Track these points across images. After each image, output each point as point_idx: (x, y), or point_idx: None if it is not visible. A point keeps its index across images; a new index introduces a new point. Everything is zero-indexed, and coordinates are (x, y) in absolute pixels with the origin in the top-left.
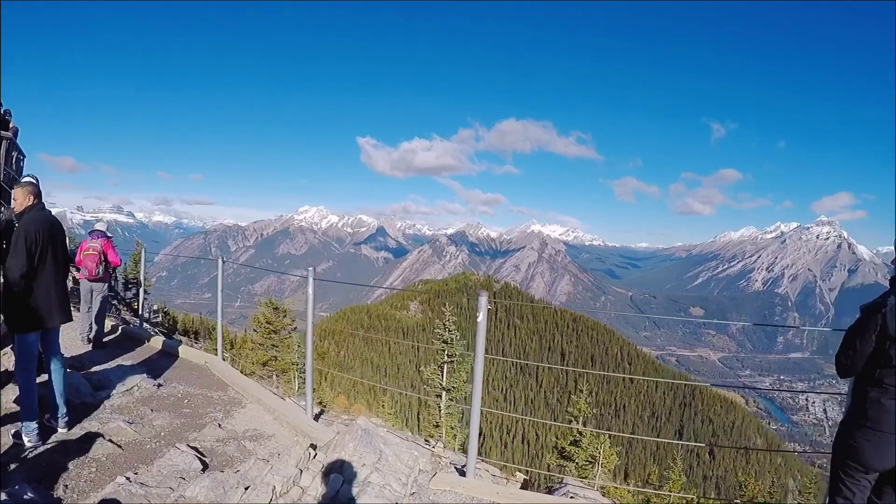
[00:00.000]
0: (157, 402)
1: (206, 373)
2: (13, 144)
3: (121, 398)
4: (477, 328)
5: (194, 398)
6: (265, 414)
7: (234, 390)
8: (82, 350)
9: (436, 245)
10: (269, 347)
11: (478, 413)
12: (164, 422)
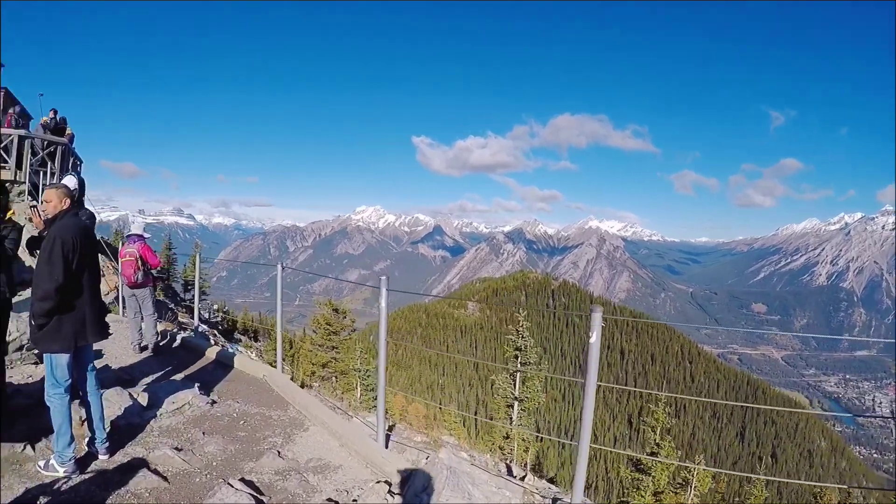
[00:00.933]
0: (210, 422)
1: (264, 387)
2: (69, 150)
3: (170, 418)
4: (589, 351)
5: (251, 418)
6: (330, 439)
7: (294, 409)
8: (132, 359)
9: (493, 243)
10: (328, 349)
11: (586, 451)
12: (217, 448)
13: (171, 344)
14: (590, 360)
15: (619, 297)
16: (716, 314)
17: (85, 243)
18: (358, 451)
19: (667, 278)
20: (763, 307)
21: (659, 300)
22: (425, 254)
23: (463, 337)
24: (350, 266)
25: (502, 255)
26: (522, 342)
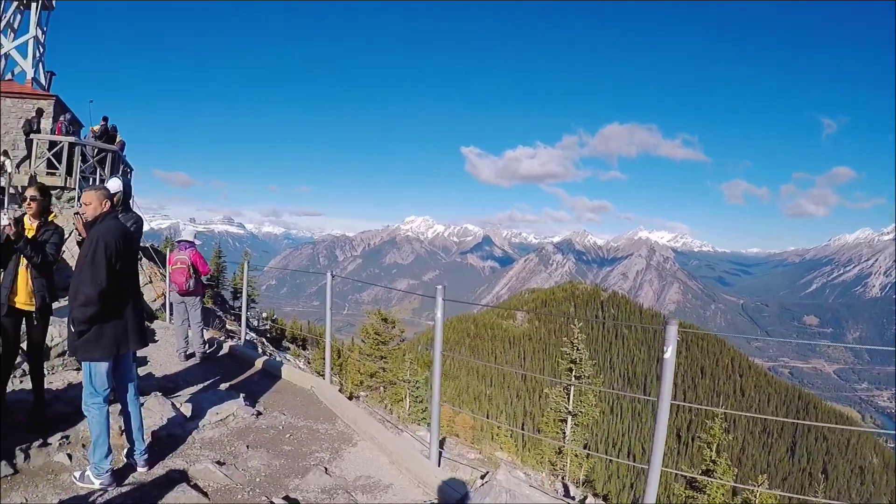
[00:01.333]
0: (255, 435)
1: (311, 399)
2: (120, 158)
3: (213, 430)
4: (663, 367)
5: (297, 431)
6: (380, 455)
7: (343, 422)
8: (177, 368)
9: (542, 254)
10: (376, 359)
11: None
12: (261, 462)
13: (218, 353)
14: (664, 377)
15: (669, 308)
16: (767, 326)
17: (127, 247)
18: (409, 469)
19: (717, 290)
20: (815, 319)
21: (709, 312)
22: (474, 264)
23: (511, 348)
24: (399, 276)
25: (551, 266)
26: (577, 355)
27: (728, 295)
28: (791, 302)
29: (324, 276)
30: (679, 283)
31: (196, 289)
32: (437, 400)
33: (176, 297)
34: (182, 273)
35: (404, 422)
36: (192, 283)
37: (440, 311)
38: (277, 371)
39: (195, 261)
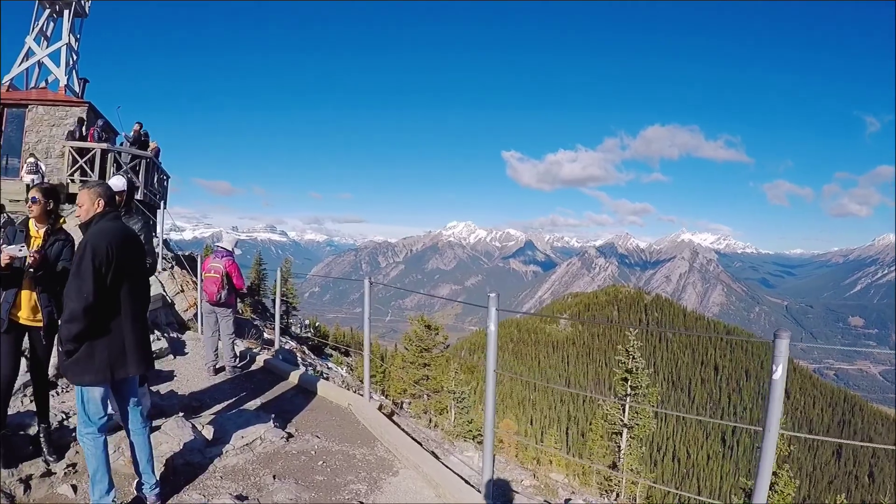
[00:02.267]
0: (283, 462)
1: (348, 419)
2: (154, 164)
3: (237, 456)
4: (772, 390)
5: (332, 457)
6: (424, 486)
7: (383, 447)
8: (205, 383)
9: (584, 257)
10: (420, 366)
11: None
12: (289, 496)
13: (250, 366)
14: (772, 399)
15: (713, 311)
16: (812, 328)
17: (126, 254)
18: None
19: (761, 292)
20: (860, 321)
21: (753, 314)
22: (517, 269)
23: (555, 352)
24: (441, 281)
25: (594, 270)
26: (633, 364)
27: (772, 297)
28: (836, 303)
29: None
30: (722, 285)
31: (228, 300)
32: (490, 424)
33: (207, 307)
34: (214, 283)
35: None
36: (223, 294)
37: (493, 324)
38: (313, 387)
39: (230, 271)
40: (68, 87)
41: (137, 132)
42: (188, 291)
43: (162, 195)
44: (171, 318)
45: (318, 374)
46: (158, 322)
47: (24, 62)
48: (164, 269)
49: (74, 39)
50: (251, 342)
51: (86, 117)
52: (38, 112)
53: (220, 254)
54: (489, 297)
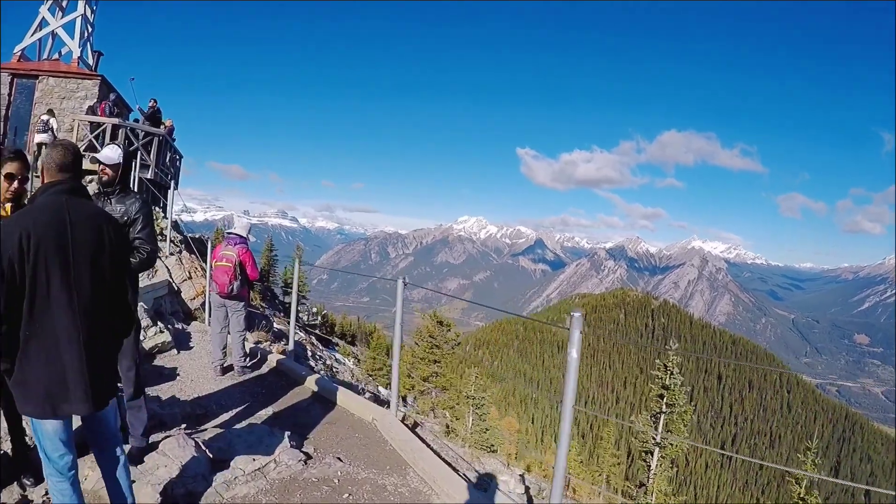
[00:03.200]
0: (302, 493)
1: (374, 437)
2: (167, 143)
3: (247, 484)
4: None
5: (358, 488)
6: None
7: (416, 475)
8: (211, 385)
9: (594, 259)
10: (430, 362)
11: None
12: None
13: (260, 366)
14: None
15: (719, 320)
16: (817, 343)
17: (67, 244)
18: None
19: (769, 303)
20: (866, 338)
21: (759, 325)
22: (526, 266)
23: (560, 352)
24: (450, 275)
25: (603, 272)
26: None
27: (779, 309)
28: (843, 319)
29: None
30: (730, 294)
31: (241, 292)
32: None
33: (216, 299)
34: (226, 272)
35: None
36: (236, 285)
37: (576, 349)
38: (332, 395)
39: (244, 260)
40: (81, 59)
41: (153, 108)
42: (196, 278)
43: (174, 175)
44: (176, 306)
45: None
46: (163, 311)
47: (38, 32)
48: (172, 254)
49: (90, 11)
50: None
51: (98, 91)
52: (48, 83)
53: (232, 240)
54: (572, 317)
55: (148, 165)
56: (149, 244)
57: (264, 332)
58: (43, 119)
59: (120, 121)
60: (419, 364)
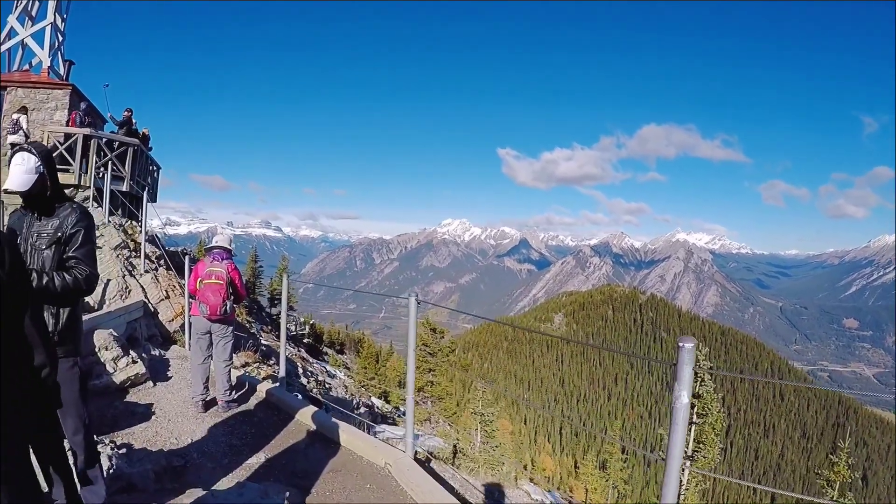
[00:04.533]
0: None
1: (389, 488)
2: (142, 153)
3: None
4: None
5: None
6: None
7: None
8: (191, 425)
9: (579, 256)
10: (424, 371)
11: None
12: None
13: (248, 398)
14: None
15: (707, 311)
16: (805, 329)
17: None
18: None
19: (756, 292)
20: (855, 322)
21: (748, 315)
22: (511, 267)
23: (549, 351)
24: (435, 279)
25: (589, 269)
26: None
27: (766, 297)
28: (830, 304)
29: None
30: (717, 285)
31: (231, 315)
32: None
33: (201, 323)
34: (219, 291)
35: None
36: (228, 306)
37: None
38: (334, 433)
39: (233, 276)
40: (52, 68)
41: (128, 117)
42: (175, 297)
43: (151, 187)
44: (153, 329)
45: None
46: (137, 336)
47: (6, 42)
48: (147, 272)
49: (60, 19)
50: (248, 354)
51: (69, 101)
52: (16, 94)
53: (219, 255)
54: (680, 348)
55: (122, 177)
56: (86, 265)
57: (251, 353)
58: (13, 118)
59: (91, 131)
60: None
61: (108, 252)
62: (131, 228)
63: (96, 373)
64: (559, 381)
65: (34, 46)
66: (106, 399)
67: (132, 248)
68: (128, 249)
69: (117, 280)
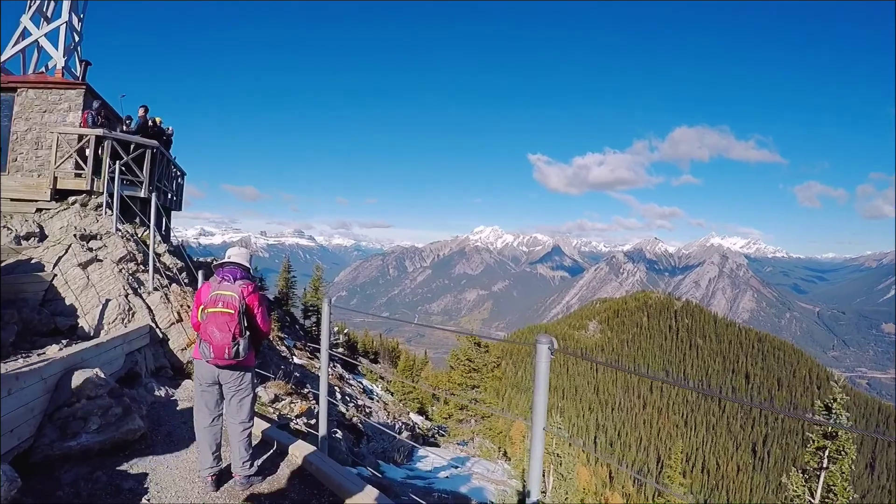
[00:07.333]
0: None
1: None
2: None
3: None
4: None
5: None
6: None
7: None
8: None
9: (612, 262)
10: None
11: None
12: None
13: (277, 464)
14: None
15: (743, 317)
16: (844, 335)
17: None
18: None
19: (792, 297)
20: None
21: (784, 320)
22: (544, 274)
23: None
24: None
25: (622, 275)
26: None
27: (803, 302)
28: (869, 309)
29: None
30: (753, 290)
31: (247, 358)
32: None
33: (205, 370)
34: (227, 324)
35: None
36: (241, 346)
37: None
38: None
39: (251, 304)
40: (67, 69)
41: (144, 118)
42: (189, 320)
43: (175, 194)
44: (162, 360)
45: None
46: (139, 371)
47: (20, 43)
48: (157, 289)
49: (77, 19)
50: (278, 385)
51: (83, 101)
52: (28, 96)
53: (232, 274)
54: None
55: (140, 183)
56: None
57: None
58: None
59: (104, 131)
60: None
61: (110, 266)
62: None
63: (72, 431)
64: (594, 388)
65: (48, 47)
66: (84, 467)
67: (139, 262)
68: (134, 263)
69: (118, 300)
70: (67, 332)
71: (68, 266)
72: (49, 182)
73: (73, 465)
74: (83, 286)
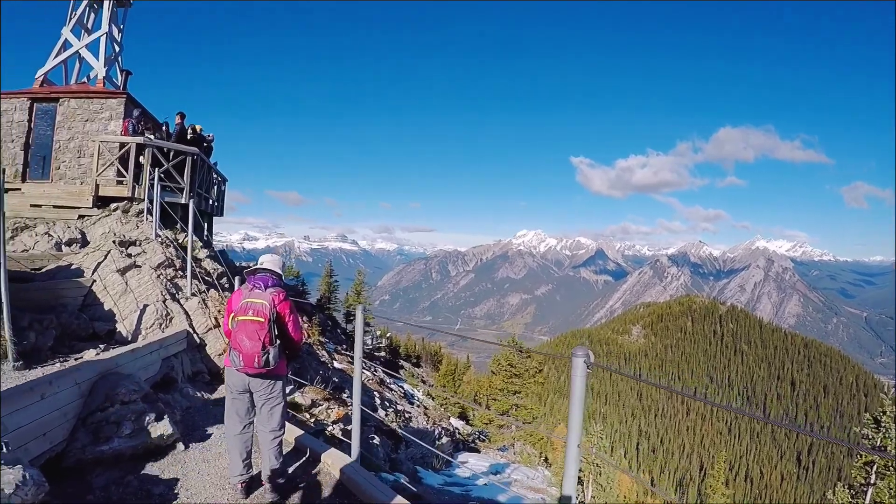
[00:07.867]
0: None
1: None
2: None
3: None
4: None
5: None
6: None
7: None
8: None
9: (656, 266)
10: (509, 393)
11: None
12: None
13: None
14: None
15: (789, 322)
16: (892, 341)
17: None
18: None
19: (839, 302)
20: None
21: (831, 325)
22: (587, 278)
23: (627, 364)
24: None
25: (666, 279)
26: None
27: (851, 307)
28: None
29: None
30: (799, 295)
31: (278, 367)
32: None
33: (235, 378)
34: (257, 332)
35: None
36: (271, 354)
37: None
38: None
39: (282, 311)
40: (108, 78)
41: (181, 125)
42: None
43: (217, 200)
44: (199, 365)
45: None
46: (175, 376)
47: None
48: (194, 294)
49: (117, 30)
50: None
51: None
52: (70, 106)
53: (263, 281)
54: None
55: (180, 189)
56: None
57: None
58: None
59: (145, 139)
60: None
61: (148, 271)
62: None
63: (105, 435)
64: (636, 394)
65: (89, 58)
66: (116, 471)
67: (178, 267)
68: (172, 268)
69: (156, 305)
70: (105, 337)
71: (107, 271)
72: (91, 189)
73: (104, 470)
74: (121, 291)
